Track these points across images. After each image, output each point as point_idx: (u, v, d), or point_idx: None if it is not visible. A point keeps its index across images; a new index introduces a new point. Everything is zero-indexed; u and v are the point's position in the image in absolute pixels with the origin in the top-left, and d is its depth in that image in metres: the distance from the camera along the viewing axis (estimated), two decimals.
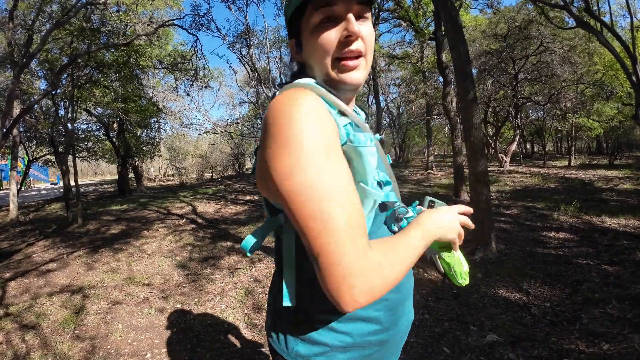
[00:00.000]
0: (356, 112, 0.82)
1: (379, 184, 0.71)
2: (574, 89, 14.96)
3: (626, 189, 8.84)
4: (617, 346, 2.39)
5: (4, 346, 2.73)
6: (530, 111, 20.05)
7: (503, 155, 15.99)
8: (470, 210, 0.81)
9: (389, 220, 0.78)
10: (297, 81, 0.68)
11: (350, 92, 0.72)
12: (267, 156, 0.59)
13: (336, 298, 0.55)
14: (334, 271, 0.54)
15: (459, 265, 0.85)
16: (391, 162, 0.88)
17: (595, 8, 7.97)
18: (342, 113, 0.67)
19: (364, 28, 0.67)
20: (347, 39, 0.65)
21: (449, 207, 0.80)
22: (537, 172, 14.10)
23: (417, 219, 0.72)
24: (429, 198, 0.89)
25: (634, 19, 18.30)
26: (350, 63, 0.66)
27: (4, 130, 5.33)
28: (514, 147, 16.48)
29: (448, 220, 0.75)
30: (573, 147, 19.48)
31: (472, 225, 0.80)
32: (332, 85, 0.69)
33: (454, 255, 0.84)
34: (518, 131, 16.51)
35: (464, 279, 0.85)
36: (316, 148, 0.56)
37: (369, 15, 0.69)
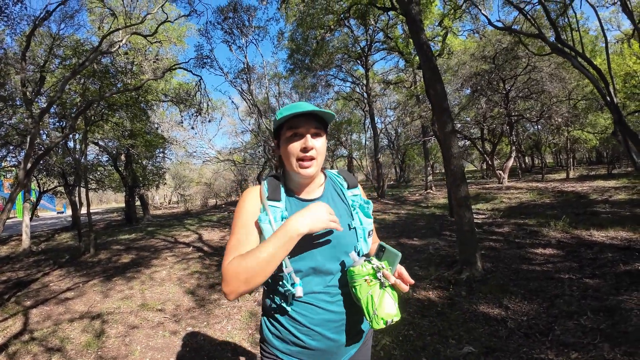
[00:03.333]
0: (334, 176, 1.32)
1: None
2: (566, 104, 15.35)
3: (620, 200, 9.03)
4: (586, 355, 2.60)
5: None
6: (527, 125, 20.40)
7: (501, 172, 16.25)
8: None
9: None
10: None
11: (306, 180, 1.18)
12: None
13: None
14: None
15: (380, 305, 1.00)
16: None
17: (576, 31, 8.41)
18: (269, 198, 1.15)
19: (317, 142, 1.14)
20: (305, 149, 1.11)
21: (320, 206, 1.07)
22: (535, 187, 14.31)
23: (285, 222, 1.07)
24: (381, 243, 1.11)
25: (618, 31, 18.87)
26: (306, 164, 1.13)
27: (27, 169, 5.75)
28: (511, 162, 16.76)
29: (312, 213, 1.04)
30: (570, 160, 19.69)
31: (340, 228, 1.08)
32: (292, 175, 1.18)
33: (376, 291, 1.02)
34: (514, 147, 16.83)
35: (376, 322, 1.00)
36: (238, 211, 1.15)
37: (322, 132, 1.16)
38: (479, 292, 3.90)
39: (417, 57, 12.26)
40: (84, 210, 13.17)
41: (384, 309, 1.00)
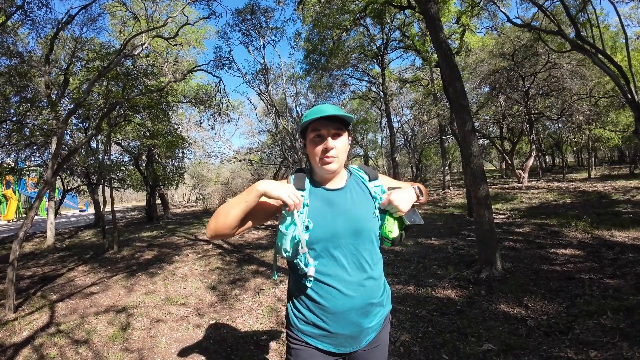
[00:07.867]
0: (355, 170, 1.42)
1: (307, 227, 1.20)
2: (587, 101, 14.98)
3: None
4: (605, 353, 2.60)
5: (60, 359, 3.14)
6: (547, 123, 19.95)
7: (521, 172, 15.95)
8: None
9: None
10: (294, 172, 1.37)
11: (329, 175, 1.29)
12: None
13: None
14: None
15: (390, 227, 1.30)
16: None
17: (596, 27, 8.24)
18: (295, 187, 1.23)
19: (338, 142, 1.24)
20: (325, 150, 1.22)
21: (288, 185, 1.20)
22: (556, 186, 14.04)
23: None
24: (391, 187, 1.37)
25: (638, 27, 18.26)
26: (327, 160, 1.23)
27: (54, 169, 5.98)
28: (531, 162, 16.44)
29: (277, 183, 1.16)
30: (592, 159, 19.16)
31: (292, 207, 1.16)
32: (317, 170, 1.29)
33: (388, 219, 1.30)
34: (534, 146, 16.49)
35: (387, 236, 1.30)
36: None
37: (343, 132, 1.26)
38: (498, 291, 3.90)
39: (435, 55, 12.18)
40: (106, 209, 13.55)
41: (387, 228, 1.29)
